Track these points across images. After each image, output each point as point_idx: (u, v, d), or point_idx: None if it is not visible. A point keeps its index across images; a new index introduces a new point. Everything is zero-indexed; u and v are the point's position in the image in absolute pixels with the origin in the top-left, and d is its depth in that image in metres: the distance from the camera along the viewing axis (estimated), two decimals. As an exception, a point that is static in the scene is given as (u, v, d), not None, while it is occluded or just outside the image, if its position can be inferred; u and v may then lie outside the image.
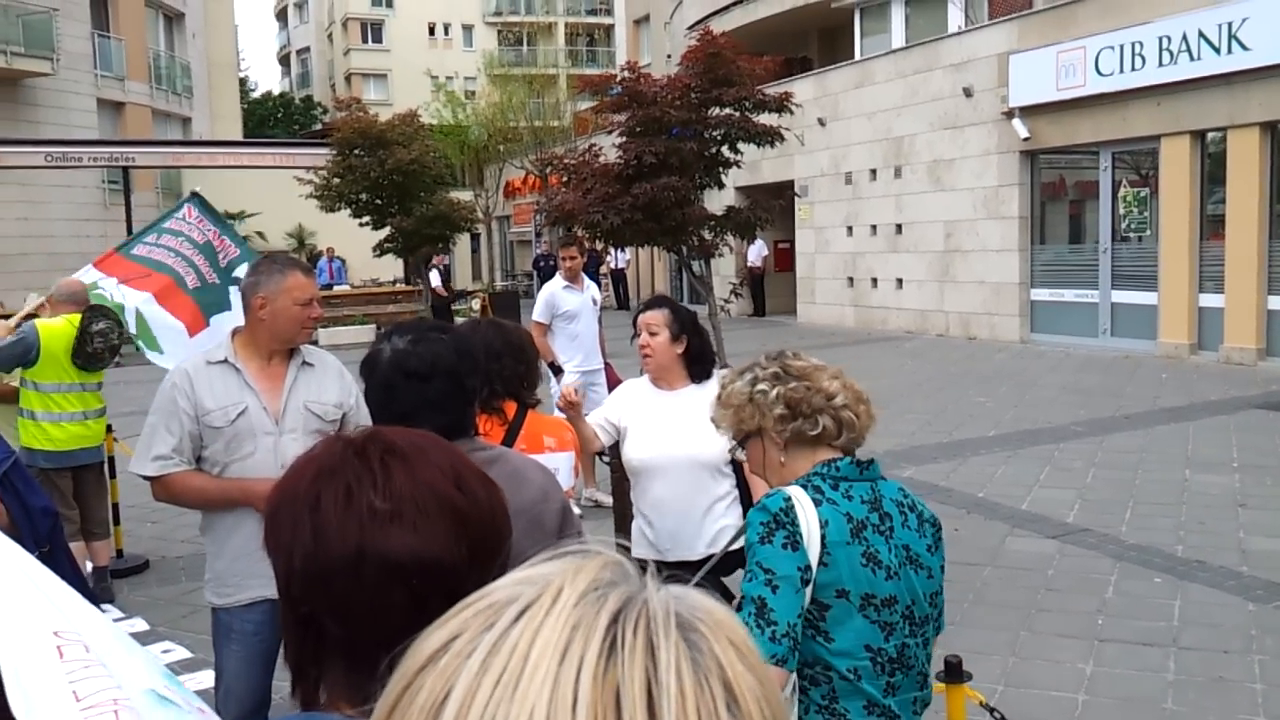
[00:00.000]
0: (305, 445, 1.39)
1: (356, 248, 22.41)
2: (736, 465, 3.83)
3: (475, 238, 33.89)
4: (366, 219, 11.53)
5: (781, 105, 6.24)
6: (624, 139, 6.04)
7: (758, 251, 23.49)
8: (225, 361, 3.35)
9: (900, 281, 19.20)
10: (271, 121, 53.02)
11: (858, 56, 20.92)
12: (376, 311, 19.34)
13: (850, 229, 20.41)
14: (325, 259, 26.69)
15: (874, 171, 19.58)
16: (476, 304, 21.35)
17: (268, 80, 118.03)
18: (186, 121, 35.93)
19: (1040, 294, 16.61)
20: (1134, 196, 15.19)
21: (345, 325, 19.22)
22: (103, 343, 5.57)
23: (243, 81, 52.92)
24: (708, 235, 6.28)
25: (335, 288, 24.63)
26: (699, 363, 3.91)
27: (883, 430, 10.96)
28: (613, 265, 27.76)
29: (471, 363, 2.25)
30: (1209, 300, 13.99)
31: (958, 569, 6.16)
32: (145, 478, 3.35)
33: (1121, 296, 15.27)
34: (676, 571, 0.66)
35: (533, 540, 2.25)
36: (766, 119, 6.48)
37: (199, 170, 28.25)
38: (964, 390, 12.43)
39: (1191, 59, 13.59)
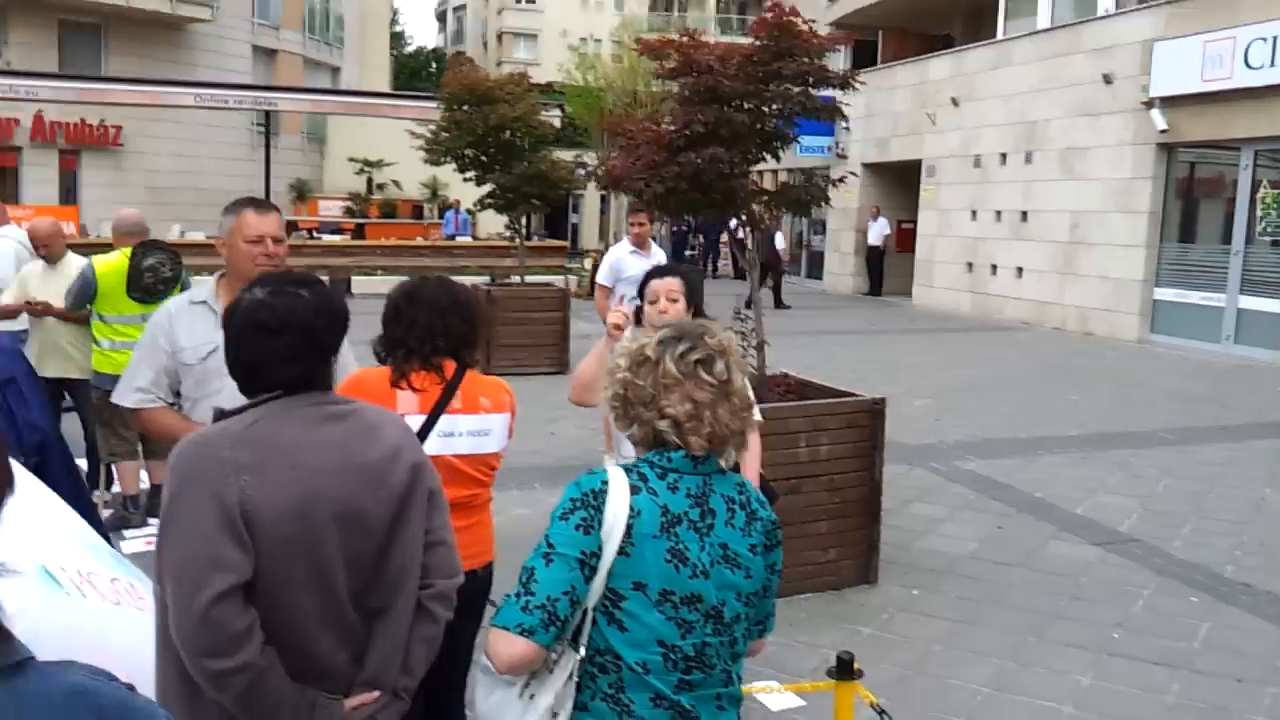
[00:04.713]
0: None
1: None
2: None
3: (605, 199, 34.19)
4: (470, 174, 11.75)
5: (845, 82, 6.06)
6: (677, 107, 6.00)
7: (879, 230, 23.02)
8: (204, 303, 3.49)
9: (1020, 270, 18.56)
10: (423, 75, 54.15)
11: (999, 36, 20.17)
12: (493, 264, 19.94)
13: (975, 213, 19.80)
14: (453, 211, 27.44)
15: (1004, 155, 18.92)
16: (589, 263, 21.62)
17: (424, 35, 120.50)
18: (336, 71, 37.14)
19: (1164, 293, 15.83)
20: (1274, 198, 14.30)
21: (461, 275, 19.68)
22: (153, 277, 5.84)
23: (399, 36, 54.22)
24: (759, 209, 6.20)
25: (458, 238, 25.36)
26: None
27: (961, 421, 10.45)
28: (738, 235, 27.60)
29: (331, 319, 2.24)
30: (1345, 313, 13.13)
31: (986, 567, 6.02)
32: (126, 409, 3.54)
33: (1250, 302, 14.44)
34: None
35: (374, 497, 2.25)
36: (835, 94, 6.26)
37: (338, 117, 29.41)
38: (1060, 387, 11.98)
39: (1348, 54, 12.69)
